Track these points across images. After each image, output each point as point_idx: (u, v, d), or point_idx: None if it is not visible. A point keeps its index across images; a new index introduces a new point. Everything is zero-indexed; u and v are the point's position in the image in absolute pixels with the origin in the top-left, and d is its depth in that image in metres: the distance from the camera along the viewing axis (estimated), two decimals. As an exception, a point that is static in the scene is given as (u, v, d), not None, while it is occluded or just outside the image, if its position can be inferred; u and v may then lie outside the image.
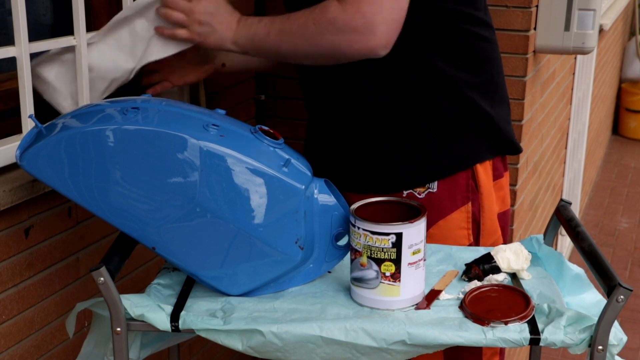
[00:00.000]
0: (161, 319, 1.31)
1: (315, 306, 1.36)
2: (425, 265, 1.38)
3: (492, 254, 1.47)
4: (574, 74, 3.87)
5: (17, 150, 1.35)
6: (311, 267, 1.44)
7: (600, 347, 1.24)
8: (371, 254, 1.33)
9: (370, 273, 1.34)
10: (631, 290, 1.23)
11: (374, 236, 1.32)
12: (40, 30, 1.96)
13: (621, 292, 1.23)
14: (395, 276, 1.33)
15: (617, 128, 7.22)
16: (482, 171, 1.69)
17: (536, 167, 2.92)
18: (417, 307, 1.35)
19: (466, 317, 1.32)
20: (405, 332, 1.27)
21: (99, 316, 1.41)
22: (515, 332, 1.27)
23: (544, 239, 1.56)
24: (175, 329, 1.31)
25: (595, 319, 1.25)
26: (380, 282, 1.33)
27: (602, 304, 1.25)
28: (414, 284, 1.35)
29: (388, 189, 1.66)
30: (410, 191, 1.67)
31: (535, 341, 1.26)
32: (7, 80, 1.71)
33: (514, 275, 1.47)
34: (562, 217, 1.54)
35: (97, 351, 1.43)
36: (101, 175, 1.32)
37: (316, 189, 1.40)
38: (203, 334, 1.31)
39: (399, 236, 1.31)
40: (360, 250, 1.34)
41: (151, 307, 1.32)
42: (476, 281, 1.43)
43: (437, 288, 1.42)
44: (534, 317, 1.30)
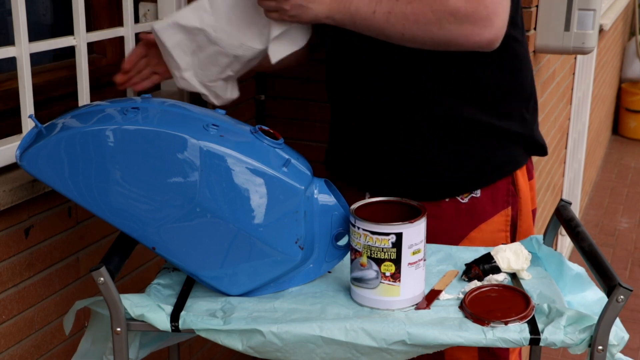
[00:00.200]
0: (161, 319, 1.31)
1: (315, 306, 1.36)
2: (425, 265, 1.38)
3: (492, 254, 1.47)
4: (574, 74, 3.87)
5: (17, 150, 1.35)
6: (311, 267, 1.44)
7: (600, 347, 1.24)
8: (371, 254, 1.33)
9: (370, 273, 1.34)
10: (631, 290, 1.23)
11: (374, 236, 1.32)
12: (40, 30, 1.96)
13: (621, 292, 1.22)
14: (395, 276, 1.33)
15: (617, 128, 7.22)
16: (521, 176, 1.70)
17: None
18: (417, 307, 1.35)
19: (466, 317, 1.32)
20: (405, 332, 1.27)
21: (98, 314, 1.41)
22: (515, 332, 1.27)
23: (543, 239, 1.56)
24: (175, 329, 1.31)
25: (595, 318, 1.25)
26: (380, 282, 1.33)
27: (604, 301, 1.25)
28: (414, 284, 1.35)
29: (433, 196, 1.65)
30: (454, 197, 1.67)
31: (535, 341, 1.26)
32: (7, 80, 1.72)
33: (514, 275, 1.47)
34: (562, 217, 1.54)
35: (95, 348, 1.43)
36: (101, 175, 1.32)
37: (316, 189, 1.40)
38: (203, 334, 1.31)
39: (399, 236, 1.31)
40: (360, 250, 1.34)
41: (151, 307, 1.32)
42: (476, 281, 1.43)
43: (437, 288, 1.42)
44: (534, 317, 1.30)
